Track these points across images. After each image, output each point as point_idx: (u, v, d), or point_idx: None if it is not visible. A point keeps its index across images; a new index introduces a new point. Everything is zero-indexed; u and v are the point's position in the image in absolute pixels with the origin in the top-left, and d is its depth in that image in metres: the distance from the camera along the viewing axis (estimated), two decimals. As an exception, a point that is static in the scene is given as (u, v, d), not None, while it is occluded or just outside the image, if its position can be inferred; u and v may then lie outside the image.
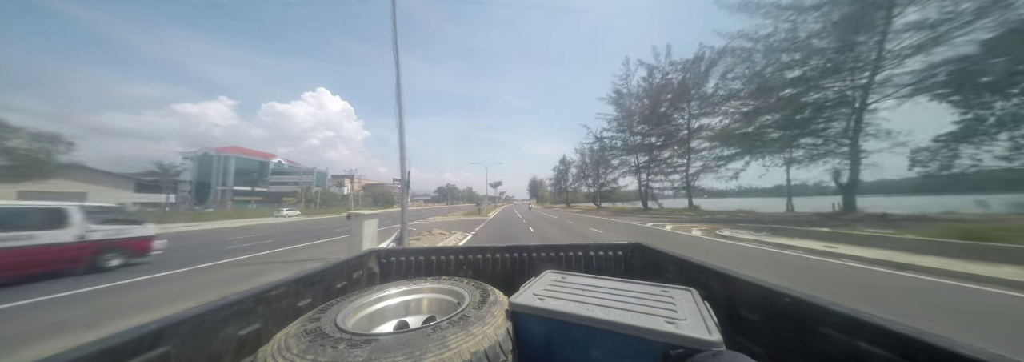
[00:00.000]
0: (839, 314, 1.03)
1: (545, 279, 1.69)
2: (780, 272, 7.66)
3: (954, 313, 4.72)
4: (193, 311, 1.18)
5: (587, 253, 2.60)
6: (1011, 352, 0.75)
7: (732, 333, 1.39)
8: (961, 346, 0.78)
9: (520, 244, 2.62)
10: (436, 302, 1.70)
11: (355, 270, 2.27)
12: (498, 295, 1.53)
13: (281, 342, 1.14)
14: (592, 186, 53.66)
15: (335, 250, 12.61)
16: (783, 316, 1.23)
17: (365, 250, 2.52)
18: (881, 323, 0.92)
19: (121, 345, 0.94)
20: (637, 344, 1.13)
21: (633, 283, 1.61)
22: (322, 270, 1.91)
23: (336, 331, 1.18)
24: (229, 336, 1.28)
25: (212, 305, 1.25)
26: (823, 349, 1.08)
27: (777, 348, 1.27)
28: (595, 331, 1.21)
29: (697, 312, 1.24)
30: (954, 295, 5.59)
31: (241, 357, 1.32)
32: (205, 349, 1.19)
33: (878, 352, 0.92)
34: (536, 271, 1.92)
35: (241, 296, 1.37)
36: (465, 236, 16.60)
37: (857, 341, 0.97)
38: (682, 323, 1.14)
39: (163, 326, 1.05)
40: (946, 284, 6.27)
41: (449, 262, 2.55)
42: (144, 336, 1.00)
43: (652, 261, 2.35)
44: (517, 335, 1.34)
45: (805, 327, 1.13)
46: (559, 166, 78.76)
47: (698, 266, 1.79)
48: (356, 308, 1.50)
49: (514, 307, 1.37)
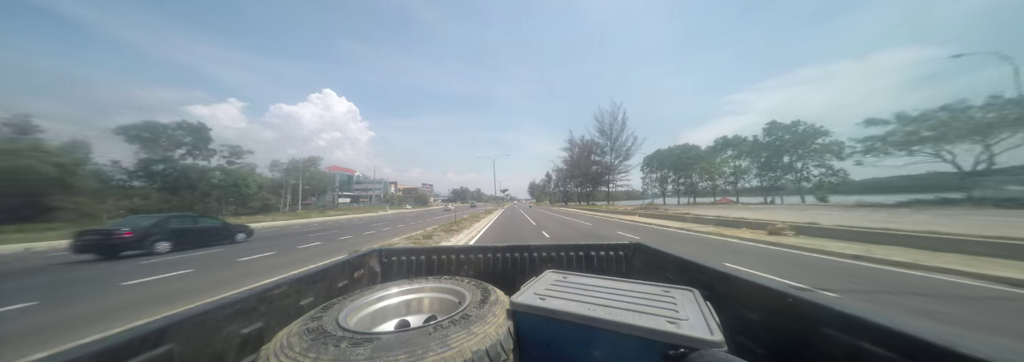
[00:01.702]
0: (841, 314, 1.03)
1: (546, 279, 1.70)
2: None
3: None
4: (195, 309, 1.18)
5: (588, 253, 2.60)
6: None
7: (734, 333, 1.39)
8: (963, 346, 0.77)
9: (521, 244, 2.62)
10: (437, 301, 1.70)
11: (356, 269, 2.28)
12: (499, 295, 1.53)
13: (283, 341, 1.14)
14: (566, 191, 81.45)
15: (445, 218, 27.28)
16: (785, 316, 1.23)
17: (366, 249, 2.53)
18: (883, 323, 0.92)
19: (124, 343, 0.94)
20: (638, 344, 1.13)
21: (634, 283, 1.61)
22: (324, 269, 1.92)
23: (338, 330, 1.18)
24: (231, 334, 1.29)
25: (214, 304, 1.25)
26: (825, 349, 1.08)
27: (779, 348, 1.27)
28: (596, 331, 1.21)
29: (699, 312, 1.24)
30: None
31: (243, 355, 1.33)
32: (208, 347, 1.19)
33: (880, 352, 0.92)
34: (537, 271, 1.92)
35: (243, 295, 1.37)
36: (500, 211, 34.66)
37: (859, 341, 0.97)
38: (684, 323, 1.14)
39: (166, 324, 1.06)
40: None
41: (450, 262, 2.56)
42: (147, 334, 1.00)
43: (653, 261, 2.35)
44: (518, 335, 1.34)
45: (807, 327, 1.13)
46: (544, 178, 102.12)
47: (700, 266, 1.79)
48: (358, 307, 1.51)
49: (515, 307, 1.37)
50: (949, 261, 6.68)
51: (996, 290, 5.23)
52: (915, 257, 7.12)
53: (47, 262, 10.53)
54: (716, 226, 15.40)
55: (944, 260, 6.79)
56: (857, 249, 8.25)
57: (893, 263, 6.96)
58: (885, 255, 7.40)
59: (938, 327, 3.85)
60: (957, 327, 3.92)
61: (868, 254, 7.61)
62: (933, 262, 6.63)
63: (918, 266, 6.59)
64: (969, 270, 6.00)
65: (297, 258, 10.23)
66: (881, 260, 7.19)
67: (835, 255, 8.05)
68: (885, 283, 5.72)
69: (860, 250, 8.08)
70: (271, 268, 8.63)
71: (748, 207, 36.27)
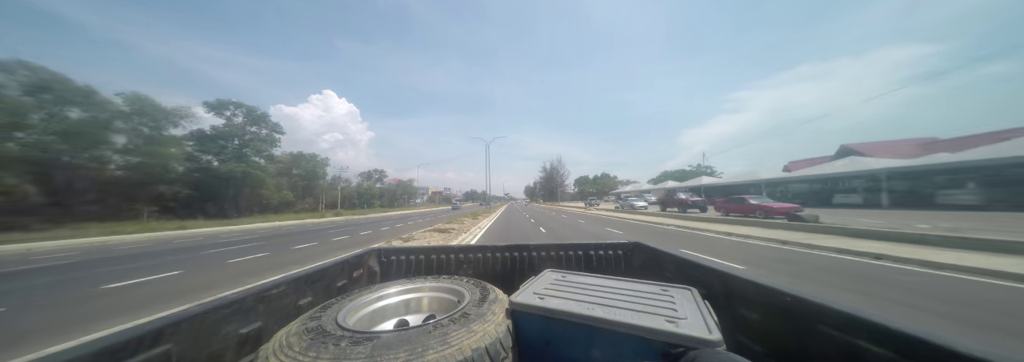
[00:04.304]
0: (839, 313, 1.03)
1: (545, 278, 1.70)
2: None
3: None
4: (193, 310, 1.17)
5: (587, 252, 2.60)
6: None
7: (732, 332, 1.39)
8: (960, 345, 0.78)
9: (520, 243, 2.61)
10: (436, 301, 1.70)
11: (355, 269, 2.27)
12: (498, 294, 1.53)
13: (282, 340, 1.14)
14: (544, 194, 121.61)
15: (484, 209, 44.36)
16: (783, 315, 1.24)
17: (365, 249, 2.52)
18: (881, 322, 0.93)
19: (122, 343, 0.94)
20: (637, 343, 1.14)
21: (633, 282, 1.61)
22: (323, 269, 1.91)
23: (337, 329, 1.18)
24: (230, 334, 1.28)
25: (212, 303, 1.25)
26: (823, 348, 1.08)
27: (777, 347, 1.28)
28: (595, 330, 1.21)
29: (697, 311, 1.24)
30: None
31: (242, 355, 1.32)
32: (206, 348, 1.19)
33: (878, 351, 0.92)
34: (536, 270, 1.92)
35: (241, 294, 1.37)
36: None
37: (857, 340, 0.97)
38: (682, 322, 1.14)
39: (163, 324, 1.05)
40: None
41: (449, 261, 2.55)
42: (144, 334, 1.00)
43: (652, 260, 2.35)
44: (517, 334, 1.34)
45: (805, 326, 1.14)
46: (532, 184, 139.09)
47: (698, 265, 1.79)
48: (357, 306, 1.50)
49: (514, 306, 1.37)
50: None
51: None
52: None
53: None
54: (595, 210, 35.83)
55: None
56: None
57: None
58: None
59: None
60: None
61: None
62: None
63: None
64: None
65: (425, 214, 30.96)
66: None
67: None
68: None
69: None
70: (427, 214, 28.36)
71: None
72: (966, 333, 3.62)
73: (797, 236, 10.37)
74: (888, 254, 7.25)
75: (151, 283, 7.19)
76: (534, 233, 15.17)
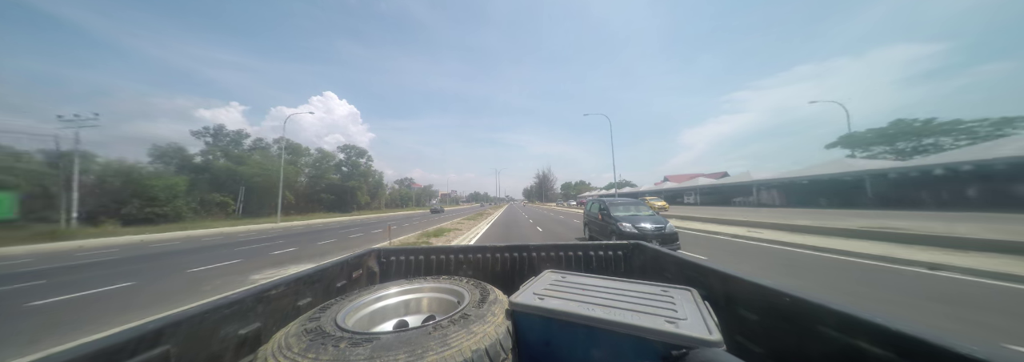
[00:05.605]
0: (838, 313, 1.03)
1: (545, 278, 1.69)
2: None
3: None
4: (192, 310, 1.17)
5: (587, 252, 2.60)
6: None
7: (732, 333, 1.39)
8: (959, 344, 0.78)
9: (520, 244, 2.61)
10: (436, 301, 1.70)
11: (355, 269, 2.27)
12: (498, 294, 1.53)
13: (281, 341, 1.13)
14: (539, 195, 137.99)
15: (491, 209, 57.52)
16: (783, 316, 1.23)
17: (365, 249, 2.52)
18: (880, 322, 0.93)
19: (121, 344, 0.94)
20: (637, 344, 1.13)
21: (633, 283, 1.61)
22: (322, 269, 1.91)
23: (337, 330, 1.18)
24: (229, 335, 1.28)
25: (211, 304, 1.24)
26: (823, 348, 1.08)
27: (777, 347, 1.28)
28: (595, 331, 1.21)
29: (697, 312, 1.24)
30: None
31: (241, 356, 1.32)
32: (205, 348, 1.19)
33: (877, 351, 0.92)
34: (536, 270, 1.92)
35: (241, 295, 1.36)
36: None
37: (856, 340, 0.97)
38: (682, 323, 1.14)
39: (162, 325, 1.05)
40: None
41: (448, 261, 2.55)
42: (143, 335, 1.00)
43: (652, 261, 2.35)
44: (517, 335, 1.34)
45: (805, 326, 1.14)
46: (528, 186, 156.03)
47: (698, 266, 1.79)
48: (356, 307, 1.50)
49: (514, 306, 1.37)
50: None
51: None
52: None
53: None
54: (557, 207, 56.05)
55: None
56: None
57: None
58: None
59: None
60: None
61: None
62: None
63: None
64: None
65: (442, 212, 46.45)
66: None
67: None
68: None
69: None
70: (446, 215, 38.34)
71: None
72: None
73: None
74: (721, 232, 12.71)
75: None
76: (520, 214, 31.10)
